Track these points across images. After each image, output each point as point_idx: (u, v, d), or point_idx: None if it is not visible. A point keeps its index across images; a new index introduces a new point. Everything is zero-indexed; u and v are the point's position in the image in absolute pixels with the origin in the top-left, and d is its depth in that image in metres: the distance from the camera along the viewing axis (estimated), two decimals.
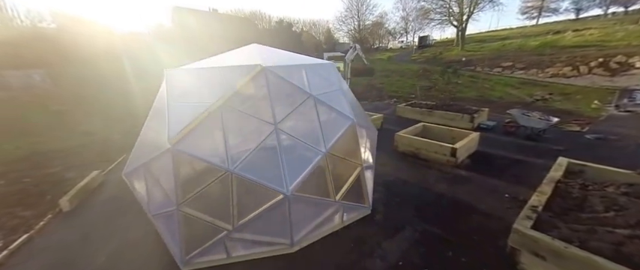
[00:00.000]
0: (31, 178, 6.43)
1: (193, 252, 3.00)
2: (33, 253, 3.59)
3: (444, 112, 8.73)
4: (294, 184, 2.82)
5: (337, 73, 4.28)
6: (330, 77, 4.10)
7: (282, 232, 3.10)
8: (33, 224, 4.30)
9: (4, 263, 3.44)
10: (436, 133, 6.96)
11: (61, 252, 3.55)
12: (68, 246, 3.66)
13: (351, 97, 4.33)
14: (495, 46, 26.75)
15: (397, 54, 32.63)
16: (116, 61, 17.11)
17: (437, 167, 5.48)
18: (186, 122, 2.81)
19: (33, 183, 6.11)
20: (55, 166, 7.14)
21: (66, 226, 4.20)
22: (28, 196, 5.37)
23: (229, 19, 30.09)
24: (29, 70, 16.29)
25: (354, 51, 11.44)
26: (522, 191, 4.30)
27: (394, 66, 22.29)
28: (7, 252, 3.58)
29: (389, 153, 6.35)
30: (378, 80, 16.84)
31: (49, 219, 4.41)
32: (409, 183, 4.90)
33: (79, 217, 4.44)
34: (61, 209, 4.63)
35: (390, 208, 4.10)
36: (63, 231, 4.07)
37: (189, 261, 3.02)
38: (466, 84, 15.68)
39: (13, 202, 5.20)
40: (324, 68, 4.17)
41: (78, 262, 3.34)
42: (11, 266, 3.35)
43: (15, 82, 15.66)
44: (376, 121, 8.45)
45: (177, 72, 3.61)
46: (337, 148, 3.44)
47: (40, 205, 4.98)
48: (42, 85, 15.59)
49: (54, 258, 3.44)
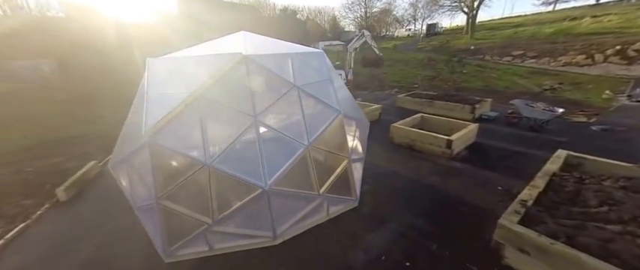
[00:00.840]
0: (34, 167, 6.62)
1: (175, 244, 3.04)
2: (27, 242, 3.71)
3: (445, 103, 8.49)
4: (274, 179, 2.78)
5: (327, 63, 4.14)
6: (320, 67, 3.96)
7: (264, 225, 3.09)
8: (31, 213, 4.43)
9: (2, 252, 3.57)
10: (434, 125, 6.79)
11: (53, 241, 3.66)
12: (60, 236, 3.76)
13: (341, 88, 4.20)
14: (507, 33, 25.65)
15: (403, 42, 31.73)
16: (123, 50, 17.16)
17: (431, 159, 5.36)
18: (163, 113, 2.77)
19: (35, 172, 6.29)
20: (58, 155, 7.32)
21: (61, 215, 4.32)
22: (30, 186, 5.53)
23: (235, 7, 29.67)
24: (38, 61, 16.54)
25: (361, 38, 10.89)
26: (517, 184, 4.16)
27: (399, 55, 21.69)
28: (4, 241, 3.71)
29: (384, 145, 6.25)
30: (380, 70, 16.46)
31: (46, 209, 4.54)
32: (401, 175, 4.81)
33: (74, 207, 4.56)
34: (58, 199, 4.75)
35: (378, 201, 4.05)
36: (58, 221, 4.18)
37: (172, 253, 3.06)
38: (472, 73, 15.18)
39: (16, 191, 5.37)
40: (313, 57, 4.04)
41: (68, 252, 3.43)
42: (6, 256, 3.48)
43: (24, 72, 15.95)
44: (374, 112, 8.31)
45: (159, 61, 3.54)
46: (322, 141, 3.37)
47: (39, 194, 5.11)
48: (50, 76, 15.82)
49: (46, 248, 3.54)
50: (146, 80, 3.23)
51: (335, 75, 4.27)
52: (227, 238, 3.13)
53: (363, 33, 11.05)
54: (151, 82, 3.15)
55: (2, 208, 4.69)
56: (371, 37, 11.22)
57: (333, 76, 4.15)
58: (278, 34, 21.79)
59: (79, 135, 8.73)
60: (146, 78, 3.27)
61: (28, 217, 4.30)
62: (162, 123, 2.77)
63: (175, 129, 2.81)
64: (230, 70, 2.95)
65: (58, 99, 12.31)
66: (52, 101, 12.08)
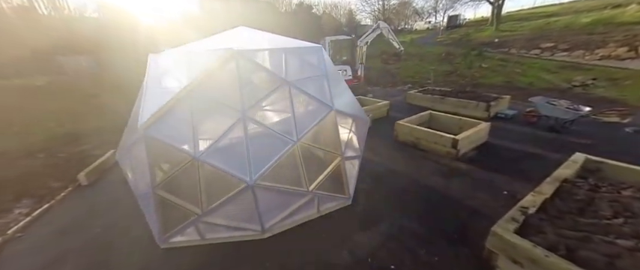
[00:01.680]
0: (65, 153, 7.23)
1: (170, 232, 3.16)
2: (49, 220, 4.08)
3: (457, 100, 7.99)
4: (259, 174, 2.77)
5: (325, 58, 4.01)
6: (316, 62, 3.86)
7: (252, 219, 3.12)
8: (56, 194, 4.86)
9: (26, 227, 3.95)
10: (443, 123, 6.43)
11: (69, 220, 3.99)
12: (76, 216, 4.09)
13: (338, 84, 4.07)
14: (537, 24, 23.46)
15: (422, 36, 30.22)
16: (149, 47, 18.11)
17: (435, 159, 5.09)
18: (157, 108, 2.85)
19: (65, 158, 6.87)
20: (86, 143, 7.94)
21: (80, 198, 4.68)
22: (59, 170, 6.05)
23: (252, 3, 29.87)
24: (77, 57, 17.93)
25: (376, 31, 10.10)
26: (525, 189, 3.80)
27: (415, 49, 20.68)
28: (30, 218, 4.11)
29: (387, 142, 6.04)
30: (393, 65, 15.83)
31: (68, 191, 4.95)
32: (400, 174, 4.62)
33: (92, 190, 4.92)
34: (80, 183, 5.15)
35: (372, 200, 3.93)
36: (76, 202, 4.54)
37: (167, 239, 3.19)
38: (493, 68, 14.14)
39: (47, 173, 5.90)
40: (309, 52, 3.94)
41: (79, 230, 3.73)
42: (30, 231, 3.84)
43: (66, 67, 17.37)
44: (382, 109, 8.04)
45: (159, 57, 3.64)
46: (312, 138, 3.30)
47: (66, 178, 5.57)
48: (88, 71, 17.08)
49: (62, 226, 3.87)
50: (146, 75, 3.33)
51: (333, 70, 4.14)
52: (217, 229, 3.20)
53: (378, 25, 10.18)
54: (150, 77, 3.25)
55: (34, 189, 5.18)
56: (388, 30, 10.07)
57: (331, 71, 4.03)
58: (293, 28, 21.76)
59: (106, 125, 9.36)
60: (147, 73, 3.37)
61: (54, 198, 4.71)
62: (156, 117, 2.85)
63: (168, 123, 2.88)
64: (220, 66, 2.95)
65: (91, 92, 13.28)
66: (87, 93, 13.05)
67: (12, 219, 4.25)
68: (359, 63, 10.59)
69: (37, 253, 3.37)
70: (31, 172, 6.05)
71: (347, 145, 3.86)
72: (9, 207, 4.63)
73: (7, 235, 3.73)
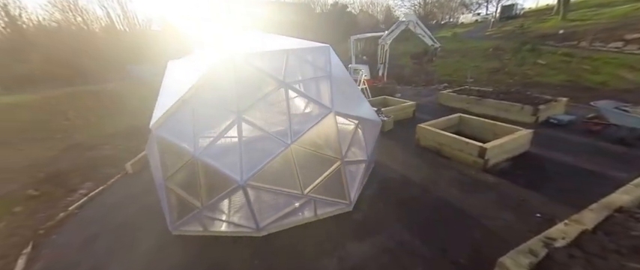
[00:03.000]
0: (123, 145, 8.49)
1: (179, 221, 3.42)
2: (98, 201, 4.82)
3: (497, 102, 6.93)
4: (250, 174, 2.79)
5: (332, 58, 3.85)
6: (322, 62, 3.74)
7: (247, 217, 3.17)
8: (108, 180, 5.73)
9: (82, 205, 4.74)
10: (475, 127, 5.66)
11: (112, 202, 4.65)
12: (118, 199, 4.75)
13: (344, 83, 3.89)
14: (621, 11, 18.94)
15: (468, 30, 27.15)
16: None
17: (459, 168, 4.49)
18: (166, 108, 3.11)
19: (123, 149, 8.06)
20: (140, 138, 9.18)
21: (124, 184, 5.43)
22: (116, 159, 7.13)
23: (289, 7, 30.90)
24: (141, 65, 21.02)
25: (400, 27, 8.85)
26: (567, 214, 3.10)
27: (456, 44, 18.62)
28: (86, 199, 4.92)
29: (407, 147, 5.56)
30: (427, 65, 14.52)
31: (117, 178, 5.78)
32: (413, 183, 4.20)
33: (135, 179, 5.64)
34: (127, 171, 5.97)
35: (375, 209, 3.64)
36: (121, 188, 5.28)
37: (177, 227, 3.46)
38: (554, 65, 11.90)
39: (107, 162, 7.00)
40: (315, 53, 3.84)
41: (117, 210, 4.33)
42: (84, 209, 4.60)
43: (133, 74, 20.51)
44: (407, 110, 7.46)
45: (176, 63, 3.96)
46: (308, 140, 3.20)
47: (120, 166, 6.52)
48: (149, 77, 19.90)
49: (106, 206, 4.54)
50: (164, 79, 3.66)
51: (340, 70, 3.97)
52: (218, 223, 3.35)
53: (401, 22, 8.92)
54: (166, 81, 3.56)
55: (95, 175, 6.20)
56: (416, 24, 8.61)
57: (337, 71, 3.86)
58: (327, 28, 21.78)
59: None
60: (165, 77, 3.70)
61: (105, 183, 5.56)
62: (165, 117, 3.11)
63: (174, 123, 3.13)
64: (219, 69, 3.06)
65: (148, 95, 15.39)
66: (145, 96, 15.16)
67: (76, 198, 5.15)
68: (380, 62, 9.94)
69: (83, 228, 4.01)
70: (96, 160, 7.26)
71: (350, 148, 3.66)
72: (75, 188, 5.62)
73: (68, 211, 4.52)
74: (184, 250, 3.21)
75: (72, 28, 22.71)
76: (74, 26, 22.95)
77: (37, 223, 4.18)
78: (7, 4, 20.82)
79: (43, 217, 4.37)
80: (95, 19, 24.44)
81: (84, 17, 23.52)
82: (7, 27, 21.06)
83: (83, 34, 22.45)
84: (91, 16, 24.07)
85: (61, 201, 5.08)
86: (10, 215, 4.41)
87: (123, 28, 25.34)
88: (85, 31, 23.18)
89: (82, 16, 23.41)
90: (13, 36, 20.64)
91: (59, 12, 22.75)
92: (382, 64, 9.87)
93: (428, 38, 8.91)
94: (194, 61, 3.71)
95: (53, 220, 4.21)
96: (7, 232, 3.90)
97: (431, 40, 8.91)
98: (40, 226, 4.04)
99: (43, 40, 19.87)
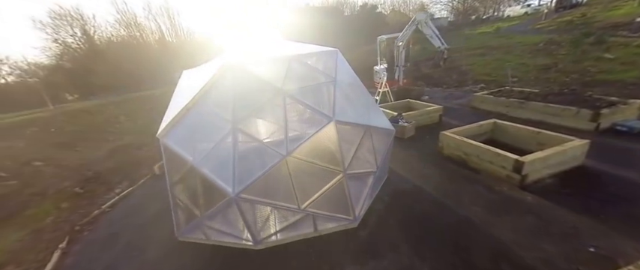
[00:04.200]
0: None
1: (184, 227, 3.51)
2: (126, 201, 5.27)
3: (545, 105, 5.90)
4: (243, 187, 2.71)
5: (336, 63, 3.63)
6: (326, 68, 3.55)
7: (240, 229, 3.10)
8: (139, 180, 6.27)
9: (114, 204, 5.22)
10: (512, 136, 4.87)
11: (136, 202, 5.04)
12: (141, 200, 5.13)
13: (351, 88, 3.63)
14: None
15: (515, 24, 24.25)
16: None
17: (488, 184, 3.86)
18: (171, 117, 3.22)
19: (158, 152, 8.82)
20: None
21: (150, 185, 5.86)
22: (154, 160, 7.79)
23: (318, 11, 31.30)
24: None
25: (411, 27, 8.22)
26: (636, 251, 2.40)
27: (498, 40, 16.62)
28: (117, 198, 5.42)
29: (428, 156, 5.02)
30: (465, 61, 13.20)
31: (146, 178, 6.29)
32: (431, 198, 3.71)
33: (160, 180, 6.03)
34: (155, 173, 6.47)
35: (384, 226, 3.28)
36: (147, 188, 5.71)
37: (181, 234, 3.56)
38: (625, 58, 9.82)
39: (146, 163, 7.69)
40: (321, 58, 3.67)
41: (138, 211, 4.66)
42: (116, 207, 5.07)
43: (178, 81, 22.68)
44: (432, 115, 6.81)
45: (189, 72, 4.13)
46: (307, 151, 3.01)
47: (151, 168, 7.12)
48: None
49: (131, 207, 4.94)
50: (176, 88, 3.83)
51: (348, 76, 3.72)
52: (218, 233, 3.34)
53: (414, 19, 8.13)
54: (177, 90, 3.71)
55: (132, 174, 6.84)
56: (426, 23, 7.83)
57: (344, 77, 3.63)
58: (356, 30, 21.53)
59: None
60: (177, 86, 3.88)
61: (136, 183, 6.09)
62: (170, 125, 3.22)
63: (178, 131, 3.21)
64: (219, 79, 3.06)
65: None
66: None
67: (111, 196, 5.71)
68: (395, 65, 9.30)
69: (109, 227, 4.38)
70: (136, 160, 8.04)
71: (356, 158, 3.37)
72: (113, 187, 6.25)
73: (102, 209, 5.01)
74: (191, 256, 3.26)
75: (133, 42, 26.15)
76: (134, 40, 26.42)
77: (76, 219, 4.70)
78: (85, 24, 24.95)
79: (82, 214, 4.91)
80: (150, 32, 27.83)
81: (141, 32, 26.99)
82: (85, 44, 25.21)
83: (140, 47, 25.69)
84: (147, 30, 27.48)
85: (100, 198, 5.68)
86: (57, 210, 5.06)
87: (171, 39, 28.34)
88: (142, 43, 26.52)
89: (140, 31, 26.90)
90: (88, 52, 24.57)
91: (124, 28, 26.44)
92: (397, 67, 9.24)
93: (436, 39, 8.01)
94: (205, 70, 3.82)
95: (88, 217, 4.70)
96: (52, 226, 4.46)
97: (439, 42, 8.00)
98: (77, 222, 4.53)
99: (110, 54, 23.21)
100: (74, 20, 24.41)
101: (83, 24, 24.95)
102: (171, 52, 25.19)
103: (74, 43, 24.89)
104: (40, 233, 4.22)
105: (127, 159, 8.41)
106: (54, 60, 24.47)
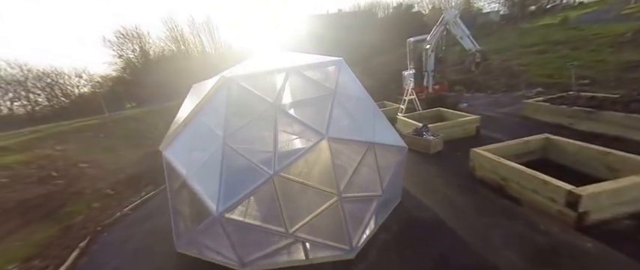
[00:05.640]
0: None
1: (182, 240, 3.62)
2: (146, 205, 5.75)
3: (626, 116, 4.74)
4: (227, 206, 2.65)
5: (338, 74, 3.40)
6: (327, 80, 3.38)
7: (229, 248, 3.04)
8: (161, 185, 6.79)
9: (136, 207, 5.72)
10: (572, 157, 4.00)
11: (154, 207, 5.49)
12: (158, 205, 5.54)
13: (354, 102, 3.36)
14: None
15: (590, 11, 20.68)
16: None
17: (530, 220, 3.16)
18: (172, 130, 3.38)
19: None
20: None
21: None
22: None
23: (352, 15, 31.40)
24: None
25: (439, 28, 7.54)
26: None
27: (565, 33, 14.12)
28: (139, 201, 5.95)
29: (456, 177, 4.40)
30: (518, 60, 11.52)
31: None
32: (451, 234, 3.17)
33: None
34: None
35: (384, 263, 2.89)
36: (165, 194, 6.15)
37: (179, 245, 3.67)
38: None
39: None
40: (322, 69, 3.51)
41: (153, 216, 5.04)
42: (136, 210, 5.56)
43: None
44: (466, 126, 6.05)
45: (197, 85, 4.33)
46: (298, 171, 2.85)
47: None
48: None
49: (148, 211, 5.38)
50: (184, 101, 4.06)
51: (350, 87, 3.48)
52: (206, 251, 3.35)
53: (442, 18, 7.44)
54: (184, 103, 3.92)
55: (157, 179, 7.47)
56: (455, 22, 7.15)
57: (349, 88, 3.41)
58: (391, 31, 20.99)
59: None
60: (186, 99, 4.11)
61: (159, 187, 6.62)
62: (170, 138, 3.39)
63: (176, 144, 3.35)
64: (214, 92, 3.11)
65: None
66: None
67: (136, 199, 6.30)
68: (424, 70, 8.49)
69: (126, 230, 4.79)
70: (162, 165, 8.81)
71: (355, 180, 3.08)
72: (140, 189, 6.90)
73: (123, 211, 5.54)
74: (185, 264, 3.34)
75: (179, 56, 29.61)
76: (181, 54, 29.89)
77: (102, 219, 5.27)
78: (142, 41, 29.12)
79: (108, 215, 5.48)
80: (193, 46, 31.22)
81: (186, 46, 30.46)
82: (142, 58, 29.40)
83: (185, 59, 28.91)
84: (191, 44, 30.91)
85: (126, 200, 6.31)
86: (88, 210, 5.75)
87: (211, 51, 31.39)
88: (186, 56, 29.86)
89: (185, 45, 30.39)
90: (143, 66, 28.54)
91: (172, 42, 30.18)
92: (426, 72, 8.45)
93: (467, 41, 7.14)
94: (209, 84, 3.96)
95: (111, 218, 5.22)
96: (81, 225, 5.07)
97: (470, 43, 7.11)
98: (101, 222, 5.06)
99: (160, 66, 26.58)
100: (134, 39, 28.69)
101: (141, 41, 29.13)
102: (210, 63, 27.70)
103: (134, 57, 29.19)
104: (68, 230, 4.82)
105: (156, 164, 9.28)
106: (118, 73, 29.01)
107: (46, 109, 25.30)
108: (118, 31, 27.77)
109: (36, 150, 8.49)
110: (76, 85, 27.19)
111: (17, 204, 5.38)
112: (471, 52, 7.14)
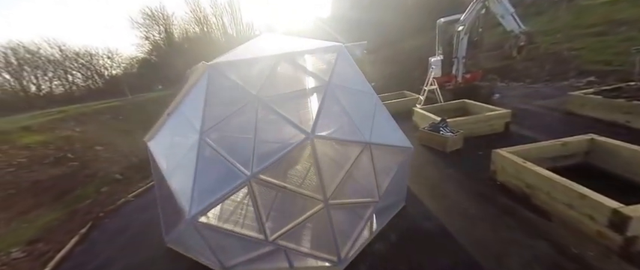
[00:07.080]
0: None
1: (167, 235, 3.63)
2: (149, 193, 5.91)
3: None
4: (199, 210, 2.51)
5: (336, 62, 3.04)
6: (320, 70, 3.04)
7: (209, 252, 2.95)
8: None
9: (139, 195, 5.93)
10: (623, 164, 3.36)
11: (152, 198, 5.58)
12: None
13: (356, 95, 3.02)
14: None
15: None
16: None
17: (560, 240, 2.69)
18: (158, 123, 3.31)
19: None
20: None
21: None
22: None
23: None
24: None
25: (476, 6, 6.53)
26: None
27: (634, 11, 12.01)
28: (144, 189, 6.14)
29: (474, 181, 3.94)
30: (570, 44, 10.01)
31: None
32: (459, 251, 2.79)
33: None
34: None
35: None
36: None
37: (168, 239, 3.69)
38: None
39: None
40: (319, 56, 3.17)
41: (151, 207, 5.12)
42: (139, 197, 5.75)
43: None
44: (494, 121, 5.40)
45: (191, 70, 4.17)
46: (281, 173, 2.61)
47: None
48: None
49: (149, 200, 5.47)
50: None
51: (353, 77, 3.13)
52: (191, 250, 3.31)
53: None
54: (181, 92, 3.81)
55: None
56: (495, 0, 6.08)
57: (349, 78, 3.06)
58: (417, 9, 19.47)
59: None
60: None
61: None
62: (155, 129, 3.31)
63: (160, 136, 3.27)
64: (197, 82, 2.92)
65: None
66: None
67: (141, 185, 6.54)
68: (454, 57, 7.48)
69: (124, 218, 4.96)
70: None
71: (345, 184, 2.80)
72: (148, 175, 7.13)
73: (127, 198, 5.76)
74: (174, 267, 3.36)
75: (204, 38, 30.30)
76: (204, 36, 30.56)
77: (107, 205, 5.52)
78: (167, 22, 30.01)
79: (113, 200, 5.74)
80: (216, 28, 31.66)
81: (209, 28, 31.02)
82: (167, 39, 30.46)
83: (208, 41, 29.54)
84: (214, 26, 31.40)
85: (134, 186, 6.57)
86: (96, 194, 6.07)
87: (233, 33, 31.75)
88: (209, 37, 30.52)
89: (208, 27, 30.93)
90: (169, 49, 29.59)
91: (196, 24, 30.87)
92: (456, 58, 7.48)
93: (511, 20, 5.99)
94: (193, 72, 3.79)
95: (114, 204, 5.45)
96: (86, 209, 5.36)
97: (515, 23, 5.96)
98: (104, 208, 5.30)
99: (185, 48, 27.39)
100: (159, 20, 29.65)
101: (166, 23, 30.06)
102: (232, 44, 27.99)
103: (160, 40, 30.34)
104: (75, 214, 5.11)
105: None
106: (145, 55, 30.41)
107: (82, 89, 27.38)
108: (144, 12, 28.86)
109: (57, 131, 9.10)
110: (109, 66, 29.03)
111: (31, 184, 5.80)
112: (513, 33, 6.10)
